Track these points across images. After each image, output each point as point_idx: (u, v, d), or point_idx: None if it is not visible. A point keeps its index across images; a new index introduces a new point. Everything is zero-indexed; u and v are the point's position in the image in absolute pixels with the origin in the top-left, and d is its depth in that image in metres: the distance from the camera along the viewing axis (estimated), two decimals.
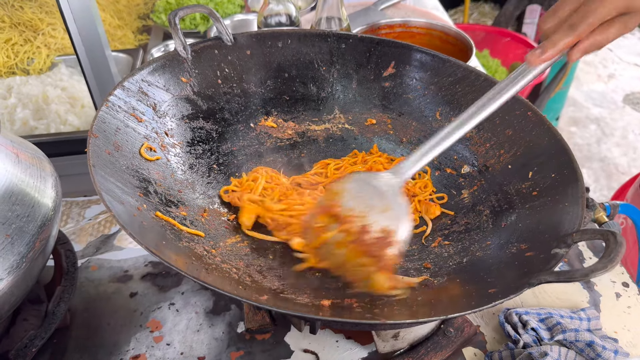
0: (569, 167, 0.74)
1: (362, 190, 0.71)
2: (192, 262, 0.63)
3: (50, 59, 1.41)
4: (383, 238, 0.66)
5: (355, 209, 0.69)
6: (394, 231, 0.67)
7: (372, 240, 0.66)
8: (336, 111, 0.98)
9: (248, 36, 0.91)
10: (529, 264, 0.64)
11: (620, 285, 0.93)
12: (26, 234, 0.67)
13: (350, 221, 0.69)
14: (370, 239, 0.67)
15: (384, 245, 0.66)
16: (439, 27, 1.22)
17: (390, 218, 0.68)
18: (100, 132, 0.69)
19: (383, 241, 0.66)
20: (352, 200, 0.70)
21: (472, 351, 0.82)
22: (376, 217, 0.68)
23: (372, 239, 0.66)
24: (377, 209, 0.69)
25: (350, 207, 0.69)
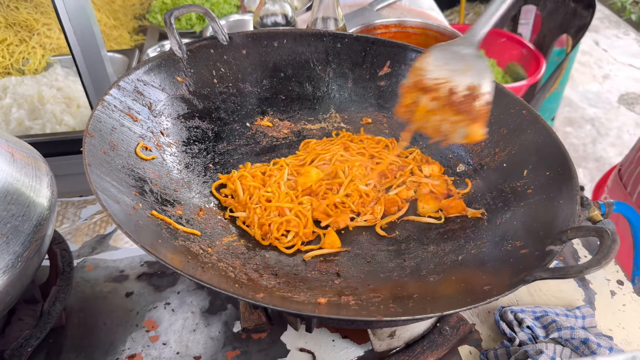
0: (563, 165, 0.74)
1: (442, 58, 0.77)
2: (188, 260, 0.63)
3: (45, 59, 1.41)
4: (470, 94, 0.73)
5: (439, 76, 0.75)
6: (479, 85, 0.73)
7: (460, 98, 0.73)
8: (332, 110, 0.98)
9: (244, 36, 0.92)
10: (524, 261, 0.64)
11: (615, 283, 0.93)
12: (21, 234, 0.67)
13: (437, 88, 0.75)
14: (459, 97, 0.73)
15: (472, 100, 0.72)
16: (434, 27, 1.23)
17: (472, 76, 0.74)
18: (96, 132, 0.69)
19: (470, 97, 0.73)
20: (434, 70, 0.76)
21: (468, 349, 0.82)
22: (460, 78, 0.74)
23: (460, 98, 0.73)
24: (459, 71, 0.75)
25: (435, 77, 0.76)
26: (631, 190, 1.17)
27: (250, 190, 0.84)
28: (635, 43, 4.44)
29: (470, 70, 0.74)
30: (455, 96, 0.73)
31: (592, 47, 4.36)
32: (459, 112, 0.73)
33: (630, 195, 1.17)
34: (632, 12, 4.61)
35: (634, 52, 4.30)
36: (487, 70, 0.74)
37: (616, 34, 4.58)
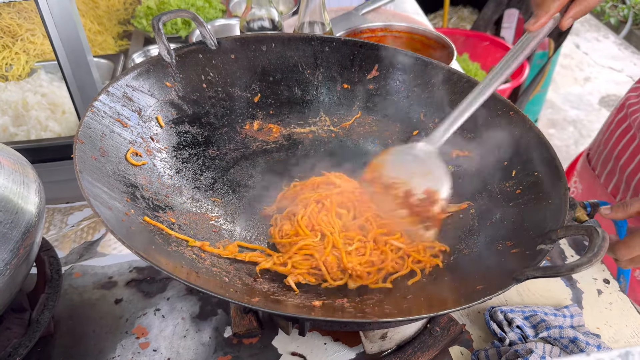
0: (551, 165, 0.75)
1: (402, 159, 0.79)
2: (182, 266, 0.63)
3: (29, 65, 1.39)
4: (427, 198, 0.75)
5: (397, 176, 0.77)
6: (437, 191, 0.75)
7: (417, 202, 0.75)
8: (321, 114, 0.98)
9: (232, 40, 0.92)
10: (515, 260, 0.65)
11: (602, 282, 0.95)
12: (10, 241, 0.66)
13: (395, 187, 0.77)
14: (415, 200, 0.75)
15: (428, 204, 0.74)
16: (420, 31, 1.24)
17: (431, 180, 0.76)
18: (86, 138, 0.68)
19: (427, 201, 0.75)
20: (393, 170, 0.78)
21: (459, 350, 0.83)
22: (418, 181, 0.76)
23: (416, 201, 0.75)
24: (418, 174, 0.77)
25: (393, 176, 0.78)
26: (599, 172, 1.21)
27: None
28: (615, 46, 4.52)
29: (429, 174, 0.76)
30: (412, 198, 0.76)
31: (573, 50, 4.43)
32: (414, 214, 0.75)
33: (598, 178, 1.20)
34: (611, 15, 4.70)
35: (614, 55, 4.38)
36: (446, 176, 0.76)
37: (596, 37, 4.66)
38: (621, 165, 1.13)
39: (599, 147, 1.22)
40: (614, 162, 1.15)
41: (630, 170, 1.09)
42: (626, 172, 1.11)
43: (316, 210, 0.80)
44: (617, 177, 1.14)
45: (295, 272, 0.75)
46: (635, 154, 1.09)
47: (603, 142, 1.21)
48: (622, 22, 4.62)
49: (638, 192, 1.07)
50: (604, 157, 1.19)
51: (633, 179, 1.09)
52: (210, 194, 0.85)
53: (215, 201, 0.84)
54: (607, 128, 1.21)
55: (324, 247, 0.76)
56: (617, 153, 1.14)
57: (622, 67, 4.20)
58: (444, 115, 0.93)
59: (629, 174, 1.10)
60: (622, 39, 4.58)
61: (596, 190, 1.22)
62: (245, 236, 0.84)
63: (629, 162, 1.11)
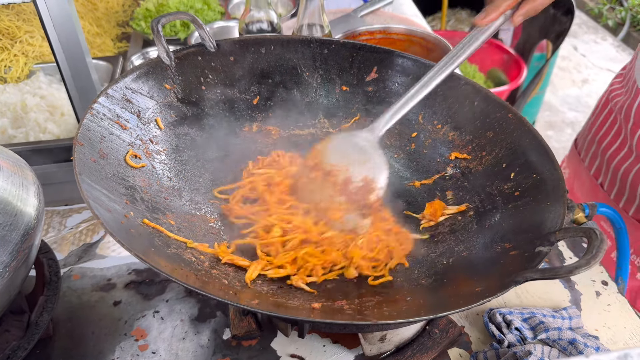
0: (549, 167, 0.75)
1: (343, 147, 0.80)
2: (181, 268, 0.63)
3: (28, 67, 1.39)
4: (365, 186, 0.76)
5: (338, 163, 0.79)
6: (374, 179, 0.77)
7: (355, 189, 0.76)
8: (320, 116, 0.98)
9: (231, 42, 0.92)
10: (514, 262, 0.65)
11: (600, 284, 0.95)
12: (9, 243, 0.66)
13: (334, 174, 0.78)
14: (353, 188, 0.77)
15: (365, 192, 0.76)
16: (418, 33, 1.24)
17: (369, 169, 0.78)
18: (85, 140, 0.68)
19: (364, 189, 0.76)
20: (334, 157, 0.79)
21: (458, 352, 0.83)
22: (357, 169, 0.78)
23: (354, 188, 0.77)
24: (357, 162, 0.78)
25: (333, 163, 0.79)
26: (583, 156, 1.25)
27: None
28: (612, 48, 4.53)
29: (368, 162, 0.78)
30: (350, 185, 0.77)
31: (571, 52, 4.44)
32: (351, 202, 0.76)
33: (582, 161, 1.25)
34: (609, 18, 4.71)
35: (611, 57, 4.39)
36: (384, 166, 0.78)
37: (594, 39, 4.67)
38: (602, 148, 1.16)
39: (584, 132, 1.26)
40: (597, 145, 1.18)
41: (610, 152, 1.13)
42: (606, 155, 1.14)
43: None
44: (599, 160, 1.18)
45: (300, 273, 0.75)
46: (616, 137, 1.12)
47: (588, 126, 1.24)
48: (619, 25, 4.63)
49: (617, 175, 1.11)
50: (588, 141, 1.22)
51: (612, 161, 1.12)
52: (209, 196, 0.85)
53: (215, 203, 0.84)
54: (592, 113, 1.25)
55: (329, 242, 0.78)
56: (600, 137, 1.17)
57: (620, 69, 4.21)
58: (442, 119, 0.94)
59: (609, 156, 1.13)
60: (619, 41, 4.59)
61: (581, 174, 1.25)
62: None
63: (609, 145, 1.14)
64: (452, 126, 0.93)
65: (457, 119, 0.92)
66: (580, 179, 1.26)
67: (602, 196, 1.17)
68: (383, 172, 0.78)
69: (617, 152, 1.12)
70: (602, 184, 1.17)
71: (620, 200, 1.13)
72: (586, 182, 1.23)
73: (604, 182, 1.15)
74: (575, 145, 1.32)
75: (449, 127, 0.93)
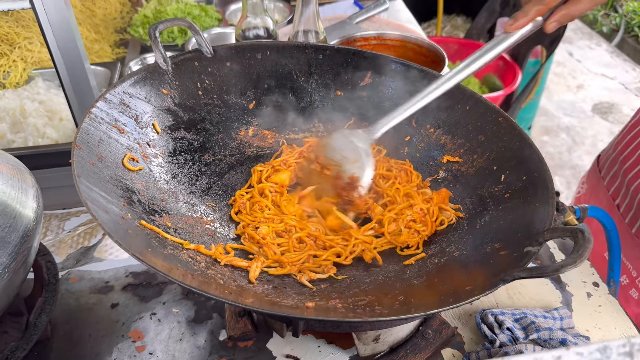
0: (539, 170, 0.77)
1: (341, 143, 0.86)
2: (177, 268, 0.64)
3: (27, 73, 1.41)
4: (351, 183, 0.82)
5: (333, 159, 0.86)
6: (359, 178, 0.82)
7: (343, 184, 0.83)
8: (315, 120, 1.00)
9: (227, 48, 0.93)
10: (503, 262, 0.66)
11: (591, 285, 0.96)
12: (8, 245, 0.67)
13: (329, 168, 0.85)
14: (342, 183, 0.83)
15: (351, 189, 0.82)
16: (412, 39, 1.26)
17: (357, 168, 0.83)
18: (83, 144, 0.70)
19: (351, 186, 0.82)
20: (332, 152, 0.86)
21: (451, 352, 0.84)
22: (348, 166, 0.84)
23: (343, 184, 0.83)
24: (349, 160, 0.84)
25: (330, 157, 0.86)
26: (604, 174, 1.23)
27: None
28: (607, 54, 4.56)
29: (357, 162, 0.83)
30: (340, 181, 0.83)
31: (566, 58, 4.47)
32: (339, 196, 0.83)
33: (602, 179, 1.23)
34: (603, 24, 4.75)
35: (606, 63, 4.42)
36: (369, 167, 0.83)
37: (589, 45, 4.70)
38: (625, 169, 1.14)
39: (609, 150, 1.24)
40: (619, 165, 1.17)
41: (632, 175, 1.11)
42: (628, 177, 1.12)
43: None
44: (619, 181, 1.16)
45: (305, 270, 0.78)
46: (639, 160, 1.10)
47: (614, 145, 1.22)
48: (614, 31, 4.67)
49: (635, 198, 1.09)
50: (611, 160, 1.21)
51: (632, 184, 1.11)
52: (206, 199, 0.86)
53: (211, 206, 0.86)
54: (620, 132, 1.23)
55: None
56: (624, 157, 1.16)
57: (614, 75, 4.24)
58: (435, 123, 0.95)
59: (630, 179, 1.11)
60: (614, 47, 4.63)
61: (599, 192, 1.23)
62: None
63: (632, 167, 1.12)
64: (444, 130, 0.94)
65: (450, 123, 0.94)
66: (598, 196, 1.24)
67: (616, 218, 1.13)
68: (367, 172, 0.82)
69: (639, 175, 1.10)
70: (619, 205, 1.15)
71: (634, 225, 1.10)
72: (603, 201, 1.21)
73: (621, 204, 1.14)
74: (597, 162, 1.30)
75: (441, 131, 0.95)
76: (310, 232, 0.82)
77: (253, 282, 0.71)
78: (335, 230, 0.85)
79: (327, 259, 0.79)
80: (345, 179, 0.83)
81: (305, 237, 0.81)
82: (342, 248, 0.81)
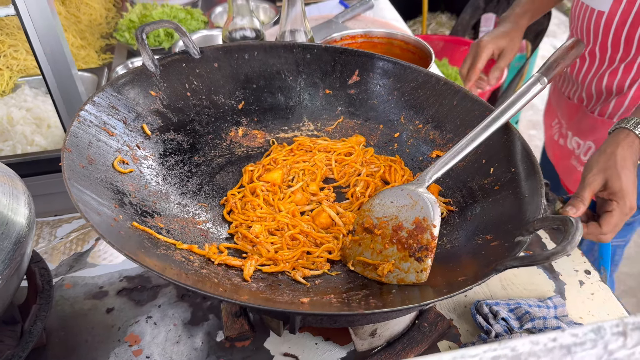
0: (527, 161, 0.78)
1: (390, 197, 0.79)
2: (171, 268, 0.64)
3: (13, 81, 1.40)
4: (416, 228, 0.74)
5: (385, 215, 0.78)
6: (426, 217, 0.74)
7: (408, 232, 0.74)
8: (304, 119, 1.00)
9: (215, 49, 0.93)
10: (495, 252, 0.67)
11: (583, 273, 0.97)
12: (1, 251, 0.67)
13: (381, 227, 0.77)
14: (407, 232, 0.75)
15: (420, 232, 0.73)
16: (399, 36, 1.27)
17: (419, 210, 0.75)
18: (73, 147, 0.69)
19: (419, 229, 0.74)
20: (381, 209, 0.79)
21: (447, 344, 0.85)
22: (407, 213, 0.76)
23: (408, 232, 0.74)
24: (406, 207, 0.77)
25: (380, 216, 0.79)
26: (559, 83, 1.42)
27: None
28: None
29: (417, 204, 0.76)
30: (401, 231, 0.75)
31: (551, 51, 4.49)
32: (405, 248, 0.74)
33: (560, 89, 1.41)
34: None
35: None
36: (435, 204, 0.75)
37: None
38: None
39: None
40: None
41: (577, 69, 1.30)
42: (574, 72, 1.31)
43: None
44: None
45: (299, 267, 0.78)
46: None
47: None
48: None
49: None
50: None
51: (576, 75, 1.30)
52: (197, 200, 0.86)
53: (203, 206, 0.86)
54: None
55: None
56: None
57: None
58: (423, 119, 0.96)
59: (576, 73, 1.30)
60: None
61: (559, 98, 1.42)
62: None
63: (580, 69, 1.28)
64: (433, 125, 0.95)
65: (438, 118, 0.95)
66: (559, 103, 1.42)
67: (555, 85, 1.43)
68: (434, 209, 0.74)
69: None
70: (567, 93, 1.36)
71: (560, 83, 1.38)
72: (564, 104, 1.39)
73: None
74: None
75: (430, 126, 0.95)
76: (302, 229, 0.82)
77: (248, 280, 0.71)
78: (325, 227, 0.85)
79: (320, 255, 0.80)
80: (408, 226, 0.75)
81: (297, 234, 0.82)
82: (334, 245, 0.82)
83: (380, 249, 0.76)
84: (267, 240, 0.79)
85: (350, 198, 0.91)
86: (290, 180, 0.92)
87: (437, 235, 0.72)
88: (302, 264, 0.78)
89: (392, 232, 0.75)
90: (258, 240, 0.79)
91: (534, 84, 0.84)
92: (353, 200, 0.90)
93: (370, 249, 0.77)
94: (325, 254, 0.80)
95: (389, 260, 0.74)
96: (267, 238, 0.80)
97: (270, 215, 0.84)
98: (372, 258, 0.76)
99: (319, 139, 0.98)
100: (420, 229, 0.73)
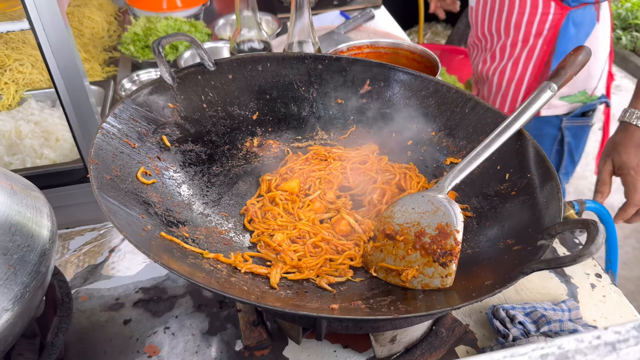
0: (543, 166, 0.79)
1: (412, 203, 0.80)
2: (204, 276, 0.64)
3: (19, 94, 1.40)
4: (440, 233, 0.75)
5: (406, 221, 0.78)
6: (448, 223, 0.75)
7: (431, 238, 0.75)
8: (317, 128, 1.01)
9: (229, 61, 0.95)
10: (518, 256, 0.68)
11: (594, 276, 0.99)
12: (28, 264, 0.67)
13: (403, 233, 0.78)
14: (430, 237, 0.75)
15: (444, 238, 0.74)
16: (405, 46, 1.29)
17: (441, 216, 0.76)
18: (98, 159, 0.70)
19: (442, 235, 0.74)
20: (403, 216, 0.79)
21: (465, 349, 0.86)
22: (429, 219, 0.76)
23: (431, 237, 0.75)
24: (428, 213, 0.77)
25: (402, 222, 0.79)
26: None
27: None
28: None
29: (438, 210, 0.76)
30: (424, 237, 0.75)
31: None
32: (428, 254, 0.74)
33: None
34: None
35: None
36: (457, 210, 0.75)
37: None
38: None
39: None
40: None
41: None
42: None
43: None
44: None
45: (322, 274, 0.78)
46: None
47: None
48: None
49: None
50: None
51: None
52: (218, 209, 0.87)
53: (224, 215, 0.87)
54: None
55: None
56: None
57: None
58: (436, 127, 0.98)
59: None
60: None
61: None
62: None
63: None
64: (445, 133, 0.97)
65: (450, 126, 0.96)
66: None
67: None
68: (457, 215, 0.74)
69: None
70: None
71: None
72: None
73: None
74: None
75: (442, 134, 0.97)
76: (324, 236, 0.83)
77: (275, 287, 0.72)
78: (345, 234, 0.86)
79: (342, 262, 0.80)
80: (431, 232, 0.75)
81: (319, 242, 0.83)
82: (355, 252, 0.82)
83: (403, 254, 0.76)
84: (289, 249, 0.80)
85: (367, 205, 0.92)
86: (307, 188, 0.93)
87: (460, 241, 0.73)
88: (326, 271, 0.78)
89: (415, 238, 0.76)
90: (281, 248, 0.80)
91: (544, 90, 0.86)
92: (370, 207, 0.91)
93: (393, 255, 0.77)
94: (348, 260, 0.81)
95: (412, 265, 0.74)
96: (289, 246, 0.81)
97: (291, 223, 0.85)
98: (394, 264, 0.77)
99: (334, 148, 1.00)
100: (444, 235, 0.74)
